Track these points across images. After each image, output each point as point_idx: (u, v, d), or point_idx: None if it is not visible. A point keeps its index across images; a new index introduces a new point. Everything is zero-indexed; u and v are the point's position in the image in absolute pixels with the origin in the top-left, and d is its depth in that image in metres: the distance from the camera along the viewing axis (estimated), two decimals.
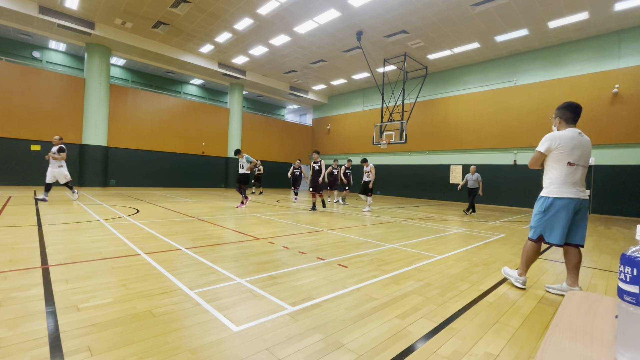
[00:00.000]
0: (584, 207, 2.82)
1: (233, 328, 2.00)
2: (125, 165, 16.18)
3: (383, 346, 1.87)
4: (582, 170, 2.80)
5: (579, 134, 2.81)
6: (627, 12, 10.56)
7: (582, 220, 2.83)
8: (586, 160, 2.81)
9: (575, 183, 2.79)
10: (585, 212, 2.84)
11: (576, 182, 2.79)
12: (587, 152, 2.81)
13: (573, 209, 2.77)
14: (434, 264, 3.83)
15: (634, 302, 0.59)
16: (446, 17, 11.42)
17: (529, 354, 1.86)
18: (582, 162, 2.79)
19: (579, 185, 2.80)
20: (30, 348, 1.68)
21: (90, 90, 14.59)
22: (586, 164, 2.82)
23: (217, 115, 19.85)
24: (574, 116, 2.87)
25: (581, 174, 2.81)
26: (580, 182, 2.81)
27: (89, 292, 2.48)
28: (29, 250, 3.62)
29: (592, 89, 12.24)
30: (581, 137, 2.81)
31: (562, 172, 2.80)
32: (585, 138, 2.83)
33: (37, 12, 11.93)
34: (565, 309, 0.84)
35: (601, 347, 0.65)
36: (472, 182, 10.35)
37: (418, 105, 17.14)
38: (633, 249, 0.62)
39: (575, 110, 2.86)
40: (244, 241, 4.66)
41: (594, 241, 6.05)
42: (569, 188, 2.78)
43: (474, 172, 10.37)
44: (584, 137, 2.83)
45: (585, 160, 2.80)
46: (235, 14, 11.96)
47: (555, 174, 2.84)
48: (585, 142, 2.82)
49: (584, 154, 2.80)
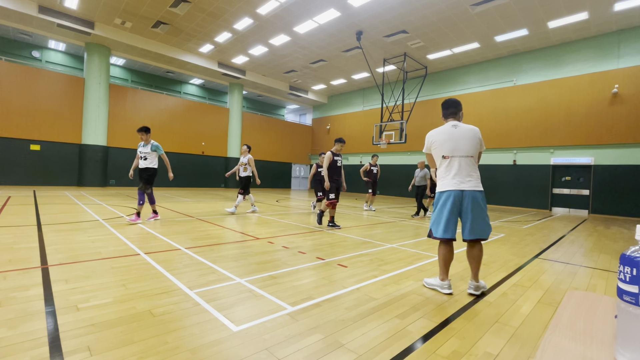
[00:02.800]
0: (468, 197, 2.66)
1: (233, 328, 2.00)
2: (125, 165, 16.16)
3: (383, 346, 1.87)
4: (458, 160, 2.69)
5: (452, 126, 2.77)
6: (627, 12, 10.56)
7: (469, 213, 2.66)
8: (464, 150, 2.70)
9: (455, 175, 2.70)
10: (472, 203, 2.65)
11: (455, 174, 2.70)
12: (463, 141, 2.70)
13: (454, 201, 2.68)
14: (433, 263, 3.83)
15: (634, 302, 0.59)
16: (446, 17, 11.42)
17: (528, 354, 1.86)
18: (458, 153, 2.70)
19: (461, 177, 2.68)
20: (29, 348, 1.68)
21: (89, 90, 14.58)
22: (465, 153, 2.69)
23: (216, 115, 19.85)
24: (448, 111, 2.89)
25: (459, 165, 2.69)
26: (460, 173, 2.69)
27: (88, 292, 2.48)
28: (28, 250, 3.61)
29: (591, 89, 12.25)
30: (454, 129, 2.75)
31: (441, 166, 2.80)
32: (462, 128, 2.74)
33: (36, 12, 11.92)
34: (565, 308, 0.84)
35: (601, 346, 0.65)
36: (419, 180, 8.87)
37: (418, 105, 17.14)
38: (632, 249, 0.62)
39: (445, 106, 2.91)
40: (243, 241, 4.66)
41: (593, 241, 6.05)
42: (448, 181, 2.73)
43: (423, 168, 8.90)
44: (459, 128, 2.74)
45: (462, 150, 2.70)
46: (235, 13, 11.95)
47: (438, 170, 2.85)
48: (460, 132, 2.72)
49: (459, 145, 2.70)
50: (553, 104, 13.07)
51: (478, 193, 2.69)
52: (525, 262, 4.12)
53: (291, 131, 24.06)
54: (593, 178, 12.21)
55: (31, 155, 13.75)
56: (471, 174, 2.70)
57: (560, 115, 12.91)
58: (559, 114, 12.96)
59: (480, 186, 2.71)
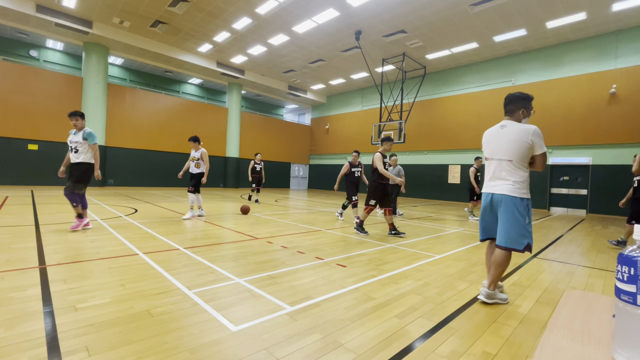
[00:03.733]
0: (498, 201, 2.58)
1: (232, 328, 2.00)
2: (123, 164, 16.12)
3: (382, 345, 1.88)
4: (495, 163, 2.60)
5: (500, 126, 2.62)
6: (625, 13, 10.60)
7: (498, 217, 2.59)
8: (501, 153, 2.56)
9: (490, 178, 2.66)
10: (501, 208, 2.56)
11: (490, 177, 2.66)
12: (503, 143, 2.55)
13: (489, 203, 2.65)
14: (432, 263, 3.84)
15: (631, 301, 0.59)
16: (445, 17, 11.43)
17: (526, 353, 1.87)
18: (496, 156, 2.59)
19: (494, 180, 2.62)
20: (27, 348, 1.67)
21: (87, 89, 14.53)
22: (502, 157, 2.55)
23: (215, 115, 19.81)
24: (505, 109, 2.70)
25: (494, 168, 2.61)
26: (494, 177, 2.62)
27: (86, 292, 2.48)
28: (26, 250, 3.60)
29: (589, 89, 12.29)
30: (500, 130, 2.60)
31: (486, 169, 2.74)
32: (510, 129, 2.54)
33: (34, 11, 11.87)
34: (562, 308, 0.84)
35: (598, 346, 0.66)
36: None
37: (416, 105, 17.15)
38: (630, 249, 0.62)
39: (504, 102, 2.71)
40: (242, 241, 4.65)
41: (591, 241, 6.07)
42: (485, 183, 2.73)
43: (396, 165, 8.55)
44: (506, 128, 2.57)
45: (499, 153, 2.57)
46: (234, 13, 11.94)
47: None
48: (504, 134, 2.56)
49: (499, 147, 2.58)
50: (551, 104, 13.11)
51: (509, 198, 2.50)
52: (524, 262, 4.13)
53: (290, 131, 24.04)
54: (591, 178, 12.25)
55: (29, 155, 13.69)
56: (506, 177, 2.54)
57: (559, 115, 12.95)
58: (557, 114, 13.00)
59: (515, 192, 2.49)
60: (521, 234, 2.48)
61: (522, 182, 2.51)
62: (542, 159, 2.48)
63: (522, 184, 2.51)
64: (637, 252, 0.60)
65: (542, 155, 2.47)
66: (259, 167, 10.59)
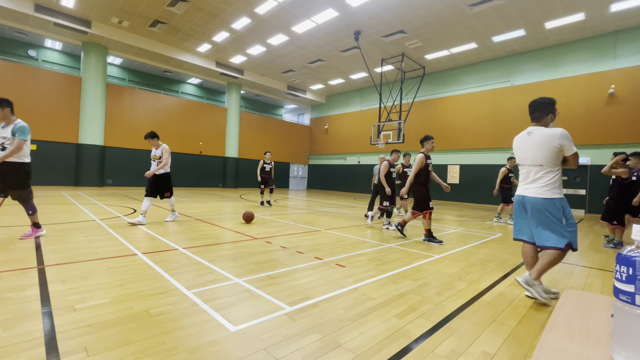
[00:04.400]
0: (529, 203, 2.70)
1: (231, 328, 2.00)
2: (122, 164, 16.09)
3: (381, 345, 1.88)
4: (527, 168, 2.75)
5: (527, 133, 2.76)
6: (623, 13, 10.62)
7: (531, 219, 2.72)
8: (530, 159, 2.70)
9: (522, 181, 2.82)
10: (533, 209, 2.67)
11: (524, 180, 2.80)
12: (530, 149, 2.69)
13: (522, 205, 2.79)
14: (431, 263, 3.85)
15: (630, 301, 0.59)
16: (444, 18, 11.45)
17: (525, 353, 1.87)
18: (527, 162, 2.74)
19: (526, 183, 2.77)
20: (26, 349, 1.67)
21: (86, 89, 14.50)
22: (532, 162, 2.69)
23: (214, 115, 19.79)
24: (531, 116, 2.84)
25: (527, 172, 2.75)
26: (526, 180, 2.77)
27: (85, 292, 2.47)
28: (24, 251, 3.59)
29: (588, 90, 12.32)
30: (527, 137, 2.73)
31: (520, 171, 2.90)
32: (536, 135, 2.67)
33: (32, 11, 11.83)
34: (561, 308, 0.84)
35: (597, 346, 0.66)
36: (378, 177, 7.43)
37: (416, 105, 17.16)
38: (629, 249, 0.62)
39: (529, 110, 2.84)
40: (241, 241, 4.65)
41: (589, 241, 6.09)
42: (520, 185, 2.86)
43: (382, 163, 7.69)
44: (532, 135, 2.70)
45: (529, 159, 2.71)
46: (233, 13, 11.93)
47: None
48: (531, 140, 2.69)
49: (527, 153, 2.72)
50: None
51: (540, 200, 2.62)
52: (522, 262, 4.13)
53: (289, 131, 24.03)
54: (589, 178, 12.27)
55: None
56: (537, 180, 2.67)
57: (557, 116, 12.95)
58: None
59: (546, 194, 2.60)
60: (558, 234, 2.58)
61: (553, 183, 2.62)
62: (574, 159, 2.58)
63: (552, 184, 2.62)
64: (636, 252, 0.60)
65: (573, 155, 2.57)
66: (268, 167, 10.00)
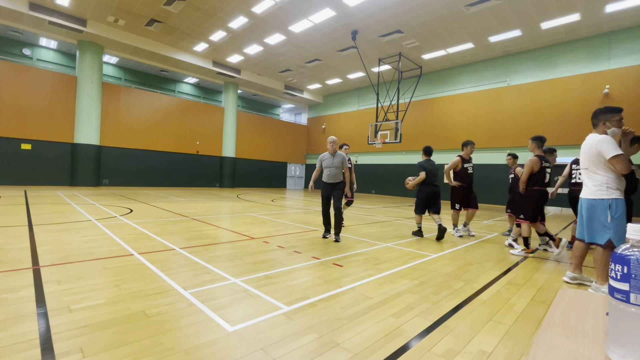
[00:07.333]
0: (581, 204, 3.10)
1: (228, 328, 1.99)
2: (118, 164, 15.99)
3: (378, 345, 1.88)
4: (581, 171, 3.15)
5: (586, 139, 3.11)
6: (618, 14, 10.71)
7: (583, 218, 3.06)
8: (581, 162, 3.10)
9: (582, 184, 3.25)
10: (583, 209, 3.04)
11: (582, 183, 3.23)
12: (581, 154, 3.13)
13: (580, 205, 3.15)
14: (428, 262, 3.86)
15: (624, 299, 0.60)
16: (440, 18, 11.48)
17: (522, 351, 1.89)
18: (581, 166, 3.12)
19: (580, 186, 3.24)
20: (21, 350, 1.65)
21: (82, 88, 14.39)
22: (582, 165, 3.08)
23: (211, 114, 19.72)
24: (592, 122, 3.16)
25: (582, 175, 3.13)
26: (583, 182, 3.16)
27: (81, 293, 2.45)
28: (19, 251, 3.56)
29: (583, 90, 12.41)
30: (584, 143, 3.09)
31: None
32: (586, 142, 3.05)
33: (27, 9, 11.72)
34: (557, 306, 0.85)
35: (593, 344, 0.66)
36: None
37: (413, 105, 17.20)
38: (624, 247, 0.62)
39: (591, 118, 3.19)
40: (238, 241, 4.64)
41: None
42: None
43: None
44: (584, 142, 3.08)
45: (581, 162, 3.12)
46: (230, 12, 11.88)
47: None
48: (582, 145, 3.10)
49: (580, 157, 3.16)
50: (546, 104, 13.21)
51: (589, 201, 2.97)
52: (519, 261, 4.16)
53: (286, 130, 24.00)
54: None
55: (22, 155, 13.53)
56: (586, 183, 3.03)
57: (553, 116, 13.06)
58: (551, 114, 13.10)
59: (595, 194, 2.91)
60: (601, 230, 2.86)
61: (601, 184, 2.89)
62: (615, 162, 2.75)
63: (600, 186, 2.89)
64: (631, 251, 0.60)
65: (612, 159, 2.74)
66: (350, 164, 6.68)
